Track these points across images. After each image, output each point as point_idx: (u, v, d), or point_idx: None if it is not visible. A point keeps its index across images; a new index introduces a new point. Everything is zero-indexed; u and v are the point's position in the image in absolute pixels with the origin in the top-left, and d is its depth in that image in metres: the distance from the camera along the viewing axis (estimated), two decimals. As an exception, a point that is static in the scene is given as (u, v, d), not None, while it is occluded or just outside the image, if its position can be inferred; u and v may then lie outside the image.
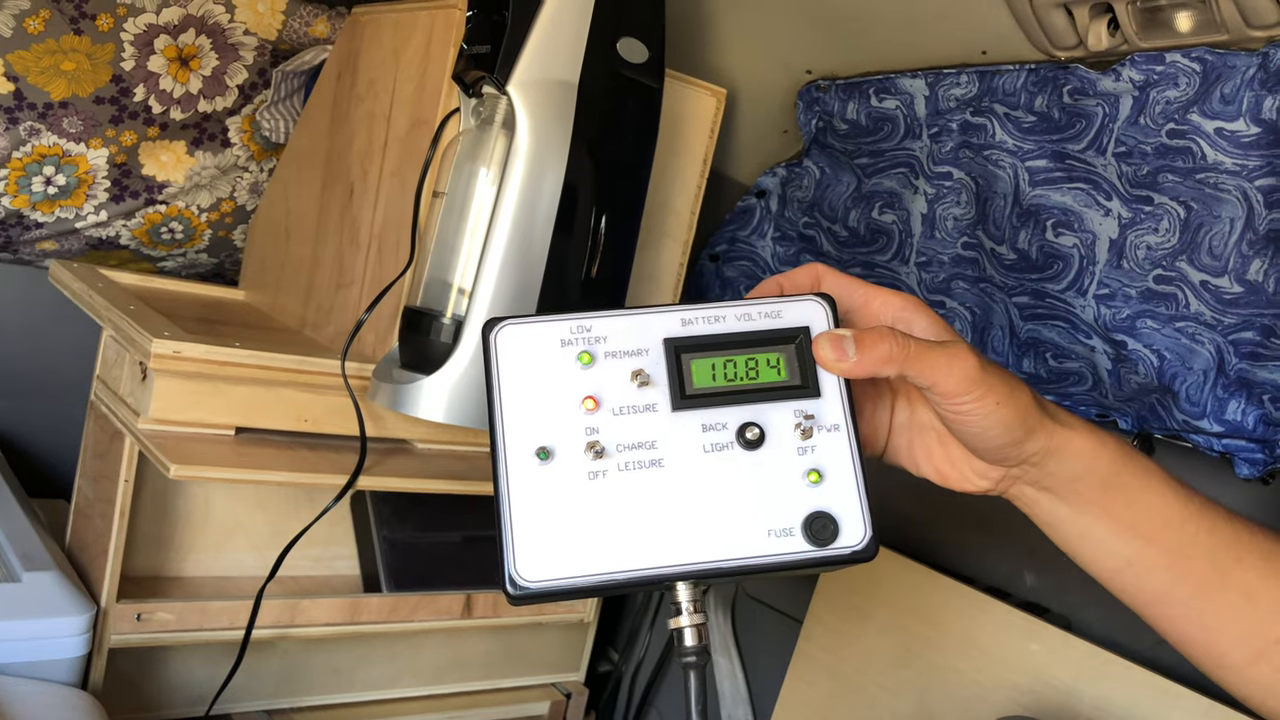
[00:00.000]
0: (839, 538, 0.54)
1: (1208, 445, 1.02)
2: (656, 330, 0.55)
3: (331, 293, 1.07)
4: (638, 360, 0.55)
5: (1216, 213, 0.96)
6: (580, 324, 0.55)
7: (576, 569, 0.51)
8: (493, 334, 0.54)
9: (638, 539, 0.52)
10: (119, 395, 0.94)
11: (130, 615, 0.90)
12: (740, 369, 0.55)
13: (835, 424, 0.55)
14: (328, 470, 0.89)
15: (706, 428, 0.54)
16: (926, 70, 1.11)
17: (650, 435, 0.54)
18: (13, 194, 1.13)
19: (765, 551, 0.53)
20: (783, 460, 0.54)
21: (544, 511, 0.52)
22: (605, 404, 0.54)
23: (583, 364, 0.54)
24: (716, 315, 0.56)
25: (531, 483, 0.52)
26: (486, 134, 0.92)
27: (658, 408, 0.54)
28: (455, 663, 1.16)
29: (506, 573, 0.51)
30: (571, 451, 0.53)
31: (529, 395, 0.53)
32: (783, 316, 0.56)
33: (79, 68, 1.07)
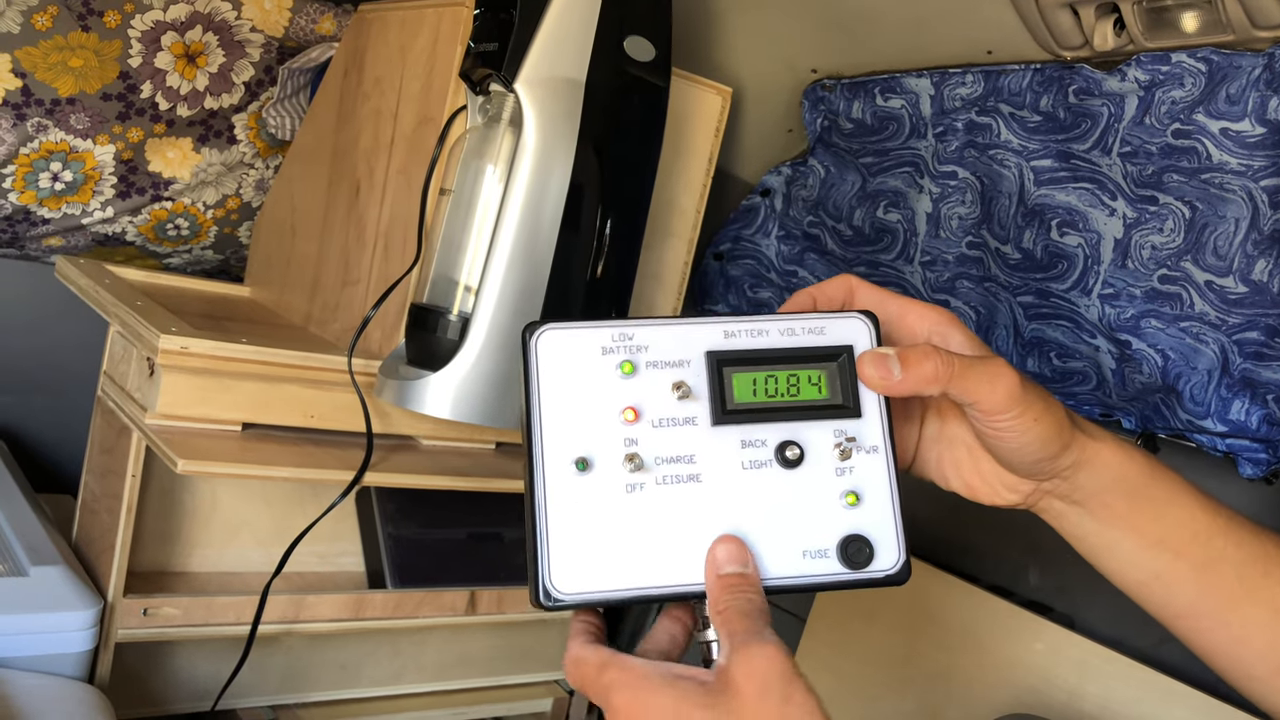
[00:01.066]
0: (874, 561, 0.54)
1: (1211, 445, 1.02)
2: (699, 342, 0.55)
3: (337, 290, 1.08)
4: (679, 372, 0.54)
5: (1221, 213, 0.96)
6: (622, 331, 0.54)
7: (610, 583, 0.51)
8: (533, 338, 0.53)
9: (672, 554, 0.52)
10: (126, 391, 0.94)
11: (137, 610, 0.91)
12: (782, 385, 0.55)
13: (874, 446, 0.55)
14: (334, 466, 0.89)
15: (746, 444, 0.54)
16: (932, 70, 1.11)
17: (689, 450, 0.53)
18: (20, 190, 1.13)
19: (799, 572, 0.53)
20: (821, 481, 0.54)
21: (581, 523, 0.51)
22: (645, 415, 0.53)
23: (624, 373, 0.53)
24: (760, 329, 0.55)
25: (569, 493, 0.52)
26: (493, 131, 0.92)
27: (698, 421, 0.54)
28: (459, 659, 1.17)
29: (541, 583, 0.51)
30: (610, 463, 0.52)
31: (569, 403, 0.53)
32: (826, 334, 0.56)
33: (86, 64, 1.07)
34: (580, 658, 0.52)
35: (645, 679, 0.49)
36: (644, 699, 0.49)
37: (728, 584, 0.51)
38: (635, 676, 0.50)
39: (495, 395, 0.89)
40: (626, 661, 0.51)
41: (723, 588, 0.51)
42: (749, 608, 0.50)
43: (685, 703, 0.48)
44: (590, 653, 0.52)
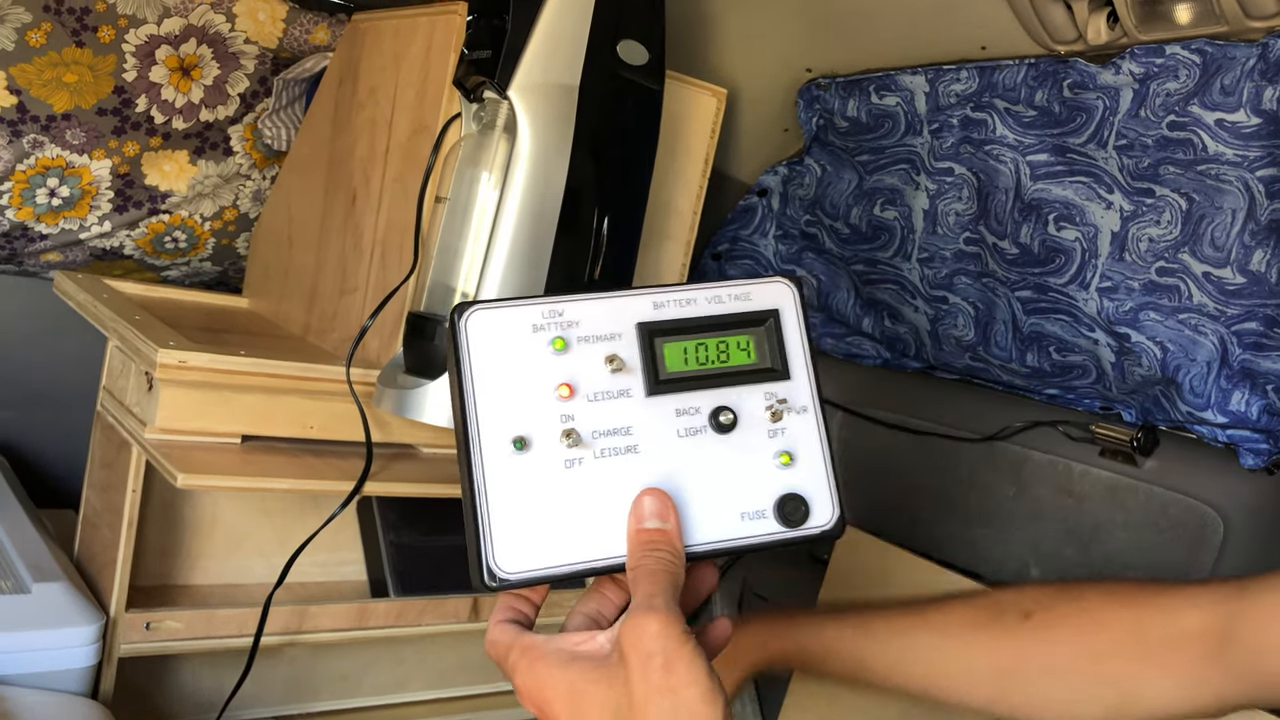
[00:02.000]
0: (810, 518, 0.55)
1: (1212, 436, 1.02)
2: (629, 314, 0.55)
3: (335, 299, 1.08)
4: (611, 345, 0.55)
5: (1218, 204, 0.95)
6: (552, 308, 0.55)
7: (555, 558, 0.52)
8: (462, 319, 0.53)
9: (615, 525, 0.53)
10: (125, 405, 0.94)
11: (139, 624, 0.91)
12: (712, 352, 0.56)
13: (804, 406, 0.56)
14: (334, 477, 0.89)
15: (680, 412, 0.55)
16: (926, 66, 1.11)
17: (625, 421, 0.54)
18: (17, 206, 1.13)
19: (739, 534, 0.54)
20: (755, 443, 0.55)
21: (521, 502, 0.52)
22: (580, 391, 0.54)
23: (556, 350, 0.54)
24: (688, 298, 0.56)
25: (508, 473, 0.52)
26: (488, 139, 0.92)
27: (632, 393, 0.55)
28: (462, 666, 1.17)
29: (485, 564, 0.51)
30: (548, 440, 0.53)
31: (503, 383, 0.53)
32: (752, 299, 0.57)
33: (81, 80, 1.07)
34: (493, 639, 0.54)
35: (543, 659, 0.51)
36: (541, 679, 0.50)
37: (645, 539, 0.52)
38: (534, 658, 0.51)
39: (494, 402, 0.89)
40: (531, 643, 0.52)
41: (640, 543, 0.52)
42: (657, 568, 0.51)
43: (582, 679, 0.49)
44: (501, 633, 0.54)
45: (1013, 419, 1.19)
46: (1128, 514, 1.10)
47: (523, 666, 0.51)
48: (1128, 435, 1.09)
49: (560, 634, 0.53)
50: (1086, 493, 1.13)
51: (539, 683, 0.50)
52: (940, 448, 1.25)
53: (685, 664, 0.47)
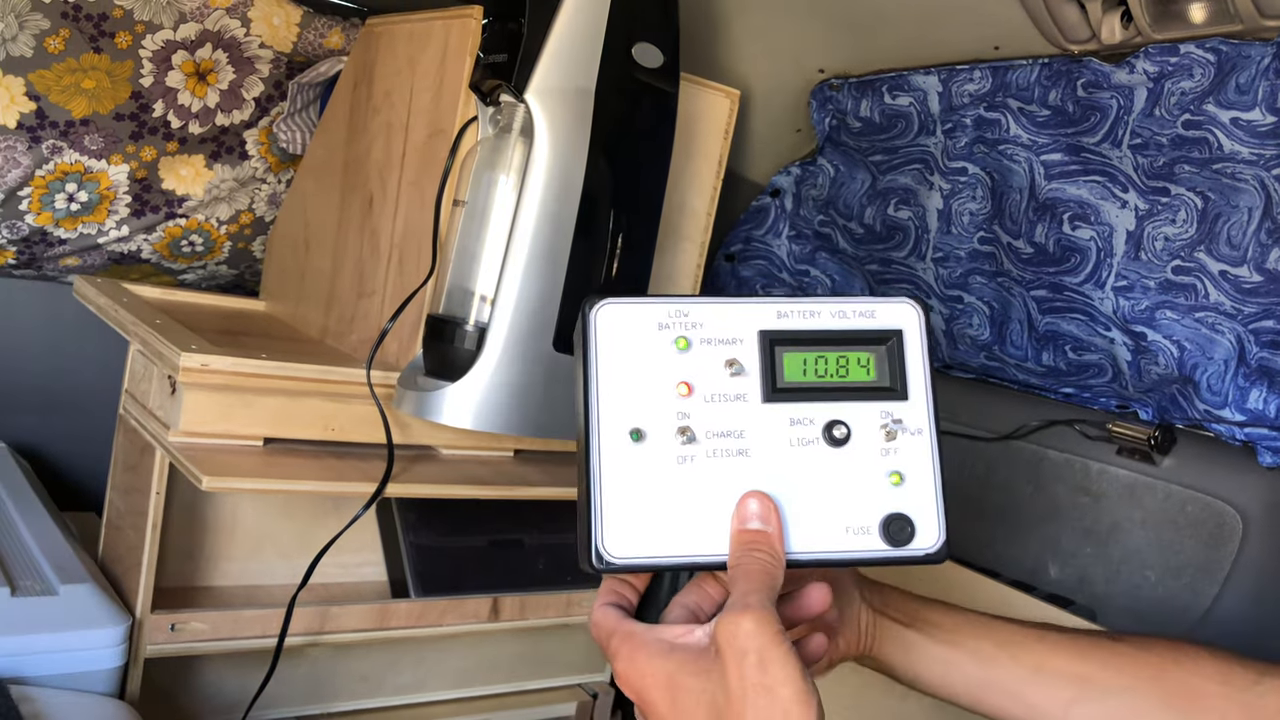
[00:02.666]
0: (914, 540, 0.55)
1: (1230, 434, 1.02)
2: (753, 321, 0.56)
3: (353, 302, 1.08)
4: (732, 349, 0.56)
5: (1234, 202, 0.96)
6: (678, 308, 0.56)
7: (659, 549, 0.54)
8: (592, 311, 0.55)
9: (720, 524, 0.54)
10: (148, 409, 0.95)
11: (164, 626, 0.91)
12: (831, 366, 0.56)
13: (919, 428, 0.56)
14: (355, 478, 0.90)
15: (794, 422, 0.56)
16: (939, 66, 1.11)
17: (739, 425, 0.55)
18: (36, 211, 1.14)
19: (842, 547, 0.55)
20: (866, 460, 0.56)
21: (633, 491, 0.54)
22: (698, 390, 0.55)
23: (679, 349, 0.55)
24: (812, 310, 0.57)
25: (623, 462, 0.54)
26: (505, 142, 0.93)
27: (748, 398, 0.55)
28: (483, 665, 1.17)
29: (594, 546, 0.53)
30: (663, 434, 0.54)
31: (625, 376, 0.55)
32: (876, 317, 0.57)
33: (99, 85, 1.08)
34: (596, 621, 0.56)
35: (644, 648, 0.52)
36: (641, 668, 0.52)
37: (746, 539, 0.53)
38: (635, 646, 0.52)
39: (514, 404, 0.90)
40: (632, 630, 0.53)
41: (741, 543, 0.53)
42: (755, 568, 0.52)
43: (680, 671, 0.50)
44: (604, 616, 0.55)
45: (1029, 418, 1.19)
46: (1145, 512, 1.10)
47: (624, 653, 0.53)
48: (1145, 434, 1.09)
49: (660, 625, 0.54)
50: (1104, 491, 1.13)
51: (639, 671, 0.52)
52: (957, 447, 1.25)
53: (779, 663, 0.48)
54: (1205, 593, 1.04)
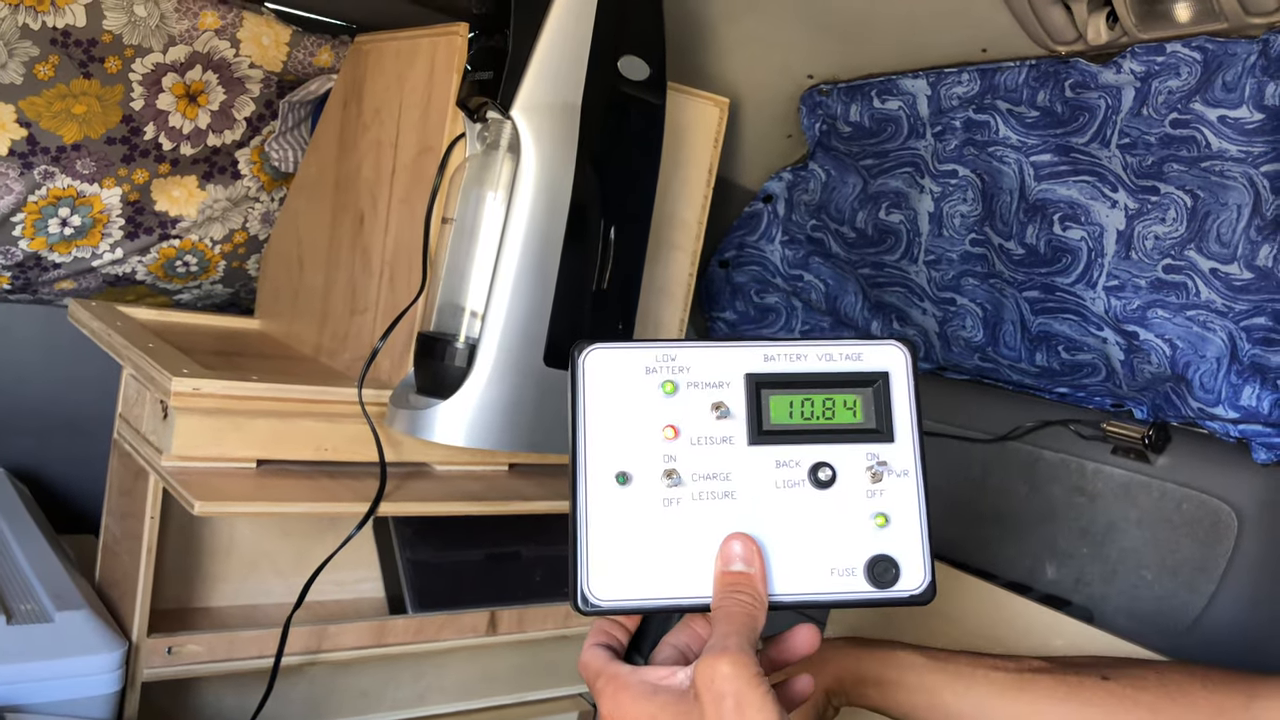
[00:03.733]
0: (899, 581, 0.56)
1: (1224, 431, 1.02)
2: (739, 364, 0.57)
3: (346, 319, 1.08)
4: (719, 393, 0.56)
5: (1223, 200, 0.95)
6: (665, 353, 0.57)
7: (644, 591, 0.54)
8: (581, 356, 0.56)
9: (705, 566, 0.55)
10: (141, 434, 0.95)
11: (161, 649, 0.92)
12: (817, 408, 0.57)
13: (905, 470, 0.57)
14: (349, 498, 0.90)
15: (780, 464, 0.56)
16: (927, 70, 1.11)
17: (725, 467, 0.56)
18: (30, 237, 1.15)
19: (826, 589, 0.55)
20: (851, 502, 0.56)
21: (619, 534, 0.54)
22: (684, 433, 0.56)
23: (666, 393, 0.56)
24: (799, 353, 0.57)
25: (609, 505, 0.55)
26: (492, 158, 0.93)
27: (734, 440, 0.56)
28: (482, 678, 1.17)
29: (579, 589, 0.54)
30: (649, 477, 0.55)
31: (612, 419, 0.55)
32: (863, 360, 0.58)
33: (89, 110, 1.08)
34: (584, 662, 0.57)
35: (627, 690, 0.53)
36: (625, 710, 0.53)
37: (729, 581, 0.54)
38: (618, 688, 0.53)
39: (505, 420, 0.90)
40: (616, 673, 0.54)
41: (723, 585, 0.54)
42: (736, 610, 0.52)
43: (662, 713, 0.51)
44: (592, 657, 0.56)
45: (1024, 418, 1.19)
46: (1141, 511, 1.09)
47: (608, 694, 0.54)
48: (1139, 432, 1.09)
49: (645, 667, 0.55)
50: (1099, 491, 1.13)
51: (623, 713, 0.53)
52: (952, 448, 1.25)
53: (756, 707, 0.48)
54: (1202, 591, 1.03)
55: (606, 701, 0.54)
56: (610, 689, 0.54)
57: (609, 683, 0.54)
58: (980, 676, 0.69)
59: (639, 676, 0.54)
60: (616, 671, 0.54)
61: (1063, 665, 0.70)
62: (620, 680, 0.54)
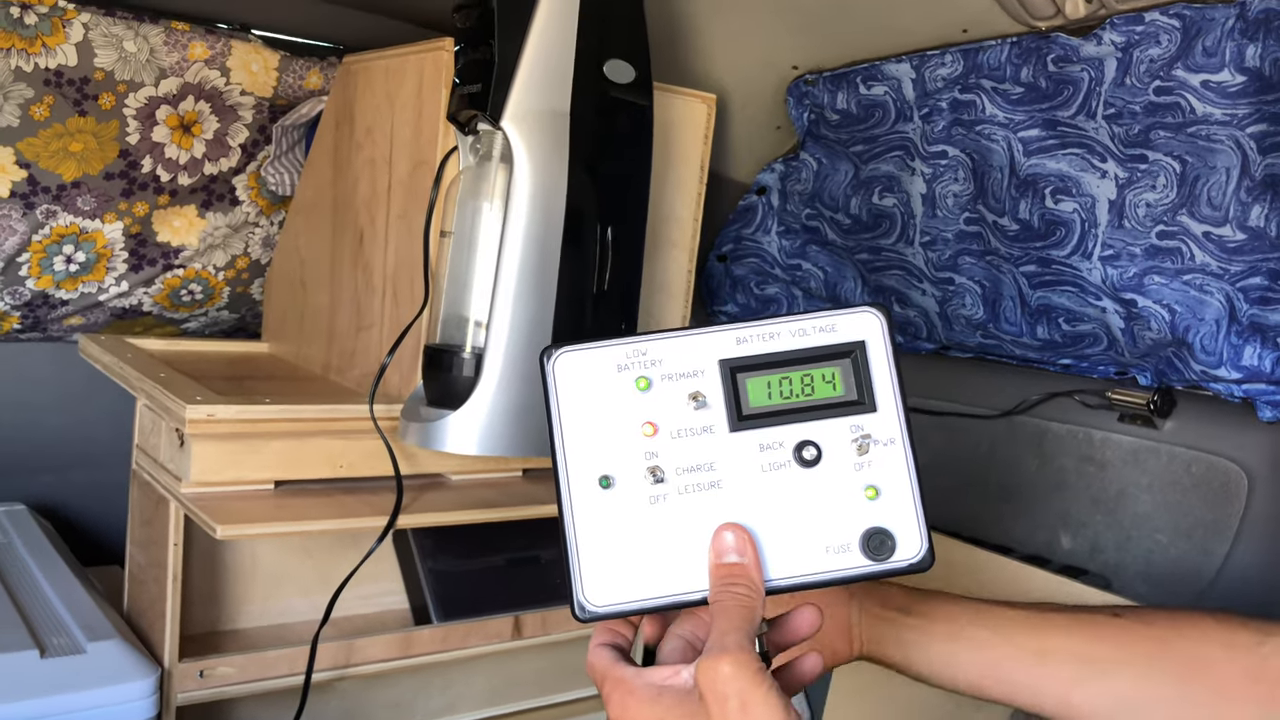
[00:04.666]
0: (896, 551, 0.55)
1: (1228, 392, 1.03)
2: (711, 351, 0.56)
3: (352, 337, 1.10)
4: (694, 382, 0.56)
5: (1212, 164, 0.96)
6: (636, 348, 0.56)
7: (639, 593, 0.54)
8: (550, 362, 0.55)
9: (699, 560, 0.54)
10: (159, 463, 0.97)
11: (193, 673, 0.93)
12: (796, 386, 0.56)
13: (891, 438, 0.56)
14: (368, 513, 0.91)
15: (764, 447, 0.55)
16: (910, 54, 1.12)
17: (708, 457, 0.55)
18: (36, 275, 1.16)
19: (824, 568, 0.55)
20: (840, 478, 0.55)
21: (608, 538, 0.54)
22: (663, 428, 0.55)
23: (640, 389, 0.55)
24: (771, 332, 0.56)
25: (595, 511, 0.54)
26: (486, 169, 0.94)
27: (715, 429, 0.55)
28: (510, 683, 1.19)
29: (575, 598, 0.53)
30: (632, 478, 0.54)
31: (589, 423, 0.55)
32: (837, 330, 0.56)
33: (86, 147, 1.10)
34: (591, 663, 0.57)
35: (633, 694, 0.53)
36: (632, 713, 0.53)
37: (723, 574, 0.54)
38: (625, 692, 0.54)
39: (516, 425, 0.91)
40: (622, 676, 0.54)
41: (718, 578, 0.54)
42: (731, 604, 0.52)
43: (669, 714, 0.52)
44: (598, 658, 0.57)
45: (1029, 392, 1.20)
46: (1151, 476, 1.10)
47: (615, 699, 0.54)
48: (1144, 399, 1.10)
49: (650, 668, 0.55)
50: (1108, 459, 1.14)
51: (629, 716, 0.53)
52: (960, 426, 1.26)
53: (760, 704, 0.48)
54: (1217, 551, 1.04)
55: (614, 706, 0.54)
56: (617, 694, 0.54)
57: (615, 687, 0.54)
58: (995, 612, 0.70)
59: (644, 679, 0.54)
60: (622, 675, 0.54)
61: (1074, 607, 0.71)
62: (626, 685, 0.54)
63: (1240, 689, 0.63)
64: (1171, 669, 0.64)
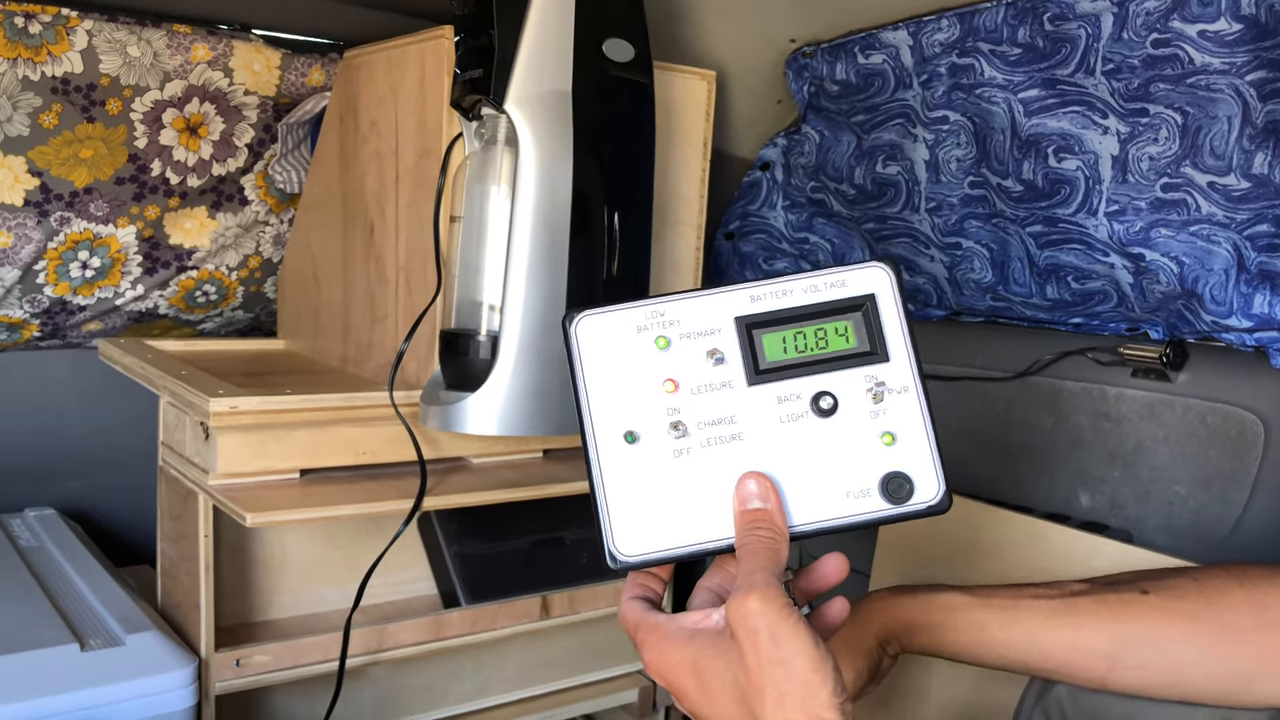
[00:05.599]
0: (915, 494, 0.57)
1: (1240, 342, 1.03)
2: (727, 309, 0.58)
3: (368, 328, 1.11)
4: (711, 340, 0.58)
5: (1213, 114, 0.97)
6: (654, 309, 0.58)
7: (669, 541, 0.56)
8: (572, 326, 0.58)
9: (723, 510, 0.56)
10: (186, 457, 0.98)
11: (230, 662, 0.95)
12: (810, 340, 0.58)
13: (905, 386, 0.58)
14: (393, 497, 0.92)
15: (781, 399, 0.58)
16: (907, 20, 1.12)
17: (729, 411, 0.57)
18: (54, 283, 1.18)
19: (844, 513, 0.57)
20: (856, 425, 0.57)
21: (635, 491, 0.56)
22: (684, 385, 0.57)
23: (660, 348, 0.58)
24: (784, 290, 0.59)
25: (622, 465, 0.56)
26: (491, 153, 0.95)
27: (734, 384, 0.58)
28: (541, 664, 1.20)
29: (607, 548, 0.56)
30: (656, 432, 0.57)
31: (612, 382, 0.57)
32: (847, 285, 0.59)
33: (96, 153, 1.11)
34: (623, 615, 0.59)
35: (666, 637, 0.55)
36: (666, 657, 0.55)
37: (748, 519, 0.56)
38: (659, 637, 0.55)
39: (535, 405, 0.92)
40: (655, 622, 0.56)
41: (743, 523, 0.56)
42: (757, 546, 0.54)
43: (702, 655, 0.53)
44: (629, 610, 0.58)
45: (1042, 352, 1.21)
46: (1167, 429, 1.11)
47: (649, 644, 0.56)
48: (1157, 352, 1.11)
49: (681, 613, 0.57)
50: (1124, 414, 1.14)
51: (665, 660, 0.55)
52: (974, 390, 1.26)
53: (789, 635, 0.50)
54: (1236, 500, 1.05)
55: (649, 651, 0.56)
56: (651, 639, 0.56)
57: (649, 633, 0.56)
58: (1024, 607, 0.71)
59: (676, 623, 0.56)
60: (655, 621, 0.56)
61: (1102, 585, 0.71)
62: (659, 629, 0.56)
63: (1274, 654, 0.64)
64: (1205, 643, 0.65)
